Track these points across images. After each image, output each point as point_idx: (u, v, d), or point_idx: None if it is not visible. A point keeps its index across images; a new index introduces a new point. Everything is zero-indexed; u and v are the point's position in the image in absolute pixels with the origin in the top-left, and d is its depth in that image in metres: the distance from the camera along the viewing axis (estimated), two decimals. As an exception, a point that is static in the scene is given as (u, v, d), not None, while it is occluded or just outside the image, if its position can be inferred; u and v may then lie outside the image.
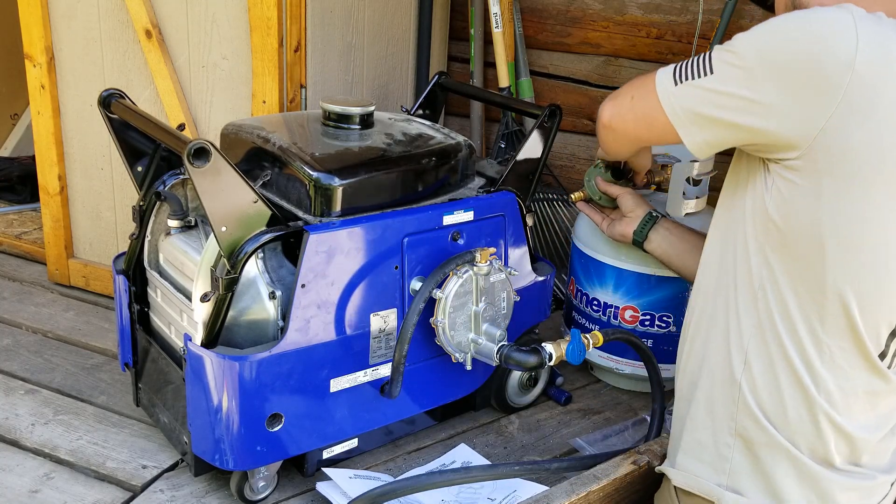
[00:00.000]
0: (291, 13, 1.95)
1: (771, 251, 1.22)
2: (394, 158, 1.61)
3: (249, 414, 1.45)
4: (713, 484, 1.32)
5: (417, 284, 1.59)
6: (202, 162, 1.29)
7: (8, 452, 1.70)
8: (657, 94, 1.27)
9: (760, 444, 1.28)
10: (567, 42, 2.61)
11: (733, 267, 1.29)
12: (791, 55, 1.13)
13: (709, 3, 2.37)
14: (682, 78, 1.24)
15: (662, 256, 1.73)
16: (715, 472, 1.32)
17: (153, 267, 1.69)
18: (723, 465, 1.31)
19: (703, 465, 1.34)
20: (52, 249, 2.41)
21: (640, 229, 1.73)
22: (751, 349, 1.27)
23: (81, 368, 2.01)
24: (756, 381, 1.27)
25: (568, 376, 2.04)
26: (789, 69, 1.13)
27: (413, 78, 2.52)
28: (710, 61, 1.21)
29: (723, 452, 1.31)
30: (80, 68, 2.20)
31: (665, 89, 1.26)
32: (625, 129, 1.39)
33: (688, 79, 1.23)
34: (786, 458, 1.26)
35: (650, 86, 1.28)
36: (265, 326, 1.49)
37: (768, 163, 1.21)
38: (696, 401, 1.35)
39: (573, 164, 2.71)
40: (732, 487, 1.30)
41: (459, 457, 1.72)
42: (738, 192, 1.29)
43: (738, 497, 1.29)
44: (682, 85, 1.24)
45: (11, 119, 3.52)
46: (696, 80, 1.22)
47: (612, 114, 1.39)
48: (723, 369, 1.31)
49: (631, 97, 1.34)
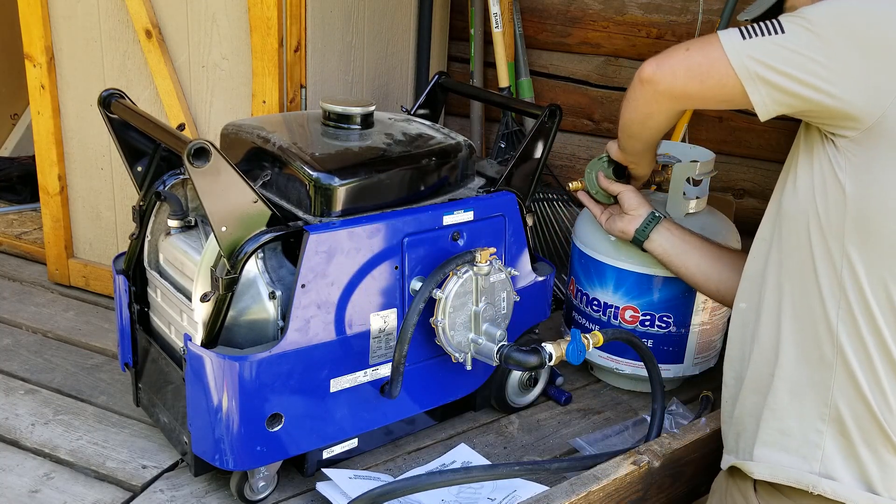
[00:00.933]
0: (291, 13, 1.95)
1: (848, 237, 1.21)
2: (394, 158, 1.61)
3: (249, 414, 1.45)
4: (805, 471, 1.29)
5: (417, 284, 1.59)
6: (202, 162, 1.29)
7: (8, 452, 1.70)
8: (722, 46, 1.22)
9: (856, 429, 1.25)
10: (567, 42, 2.61)
11: (808, 253, 1.27)
12: (867, 28, 1.13)
13: (709, 3, 2.37)
14: (750, 34, 1.20)
15: (662, 256, 1.73)
16: (805, 461, 1.29)
17: (153, 267, 1.69)
18: (814, 453, 1.28)
19: (789, 454, 1.31)
20: (52, 249, 2.41)
21: (643, 229, 1.72)
22: (841, 332, 1.25)
23: (81, 368, 2.01)
24: (850, 363, 1.24)
25: (568, 376, 2.04)
26: (865, 39, 1.13)
27: (413, 78, 2.52)
28: (779, 23, 1.19)
29: (813, 439, 1.29)
30: (80, 68, 2.20)
31: (732, 41, 1.21)
32: (672, 81, 1.33)
33: (757, 35, 1.20)
34: (883, 441, 1.24)
35: (711, 39, 1.23)
36: (265, 326, 1.49)
37: (833, 137, 1.20)
38: (775, 389, 1.32)
39: (573, 164, 2.71)
40: (826, 474, 1.27)
41: (459, 457, 1.72)
42: (802, 173, 1.27)
43: (833, 482, 1.27)
44: (753, 39, 1.20)
45: (11, 119, 3.52)
46: (768, 36, 1.19)
47: (659, 64, 1.32)
48: (809, 355, 1.28)
49: (686, 49, 1.27)
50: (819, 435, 1.29)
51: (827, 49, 1.16)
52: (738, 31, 1.22)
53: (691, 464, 1.62)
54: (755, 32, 1.21)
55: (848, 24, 1.16)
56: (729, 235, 1.89)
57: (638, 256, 1.84)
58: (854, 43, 1.15)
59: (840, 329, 1.25)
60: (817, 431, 1.29)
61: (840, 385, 1.26)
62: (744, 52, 1.21)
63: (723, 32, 1.24)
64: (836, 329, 1.25)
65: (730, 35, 1.23)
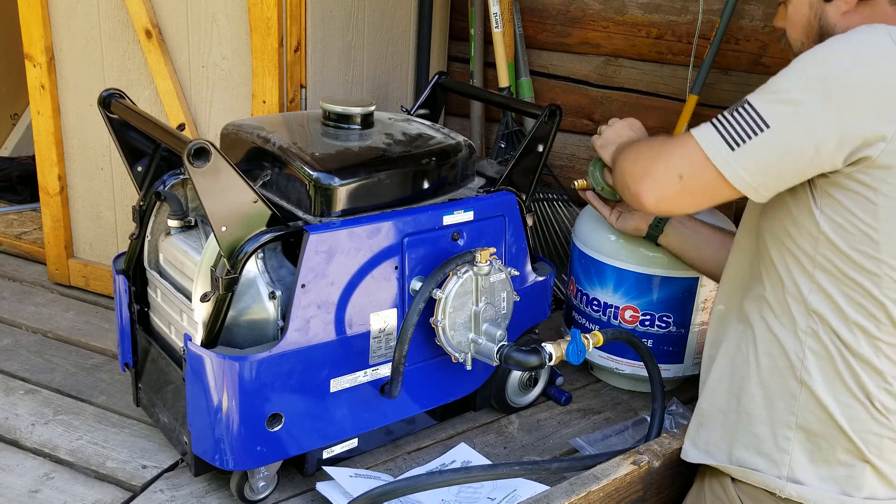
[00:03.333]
0: (291, 13, 1.95)
1: (821, 269, 1.25)
2: (394, 158, 1.61)
3: (249, 414, 1.45)
4: (773, 476, 1.34)
5: (417, 284, 1.59)
6: (202, 162, 1.29)
7: (8, 452, 1.70)
8: (715, 166, 1.21)
9: (820, 435, 1.30)
10: (567, 42, 2.61)
11: (778, 277, 1.32)
12: (847, 81, 1.15)
13: (709, 3, 2.37)
14: (735, 140, 1.20)
15: (677, 250, 1.74)
16: (774, 465, 1.34)
17: (153, 267, 1.69)
18: (782, 458, 1.33)
19: (761, 457, 1.36)
20: (52, 249, 2.41)
21: (657, 223, 1.75)
22: (808, 346, 1.29)
23: (81, 368, 2.01)
24: (814, 376, 1.28)
25: (568, 376, 2.04)
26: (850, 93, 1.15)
27: (413, 78, 2.52)
28: (757, 114, 1.18)
29: (782, 445, 1.33)
30: (80, 68, 2.20)
31: (723, 158, 1.20)
32: (681, 209, 1.36)
33: (744, 141, 1.19)
34: (848, 447, 1.29)
35: (697, 157, 1.22)
36: (265, 326, 1.49)
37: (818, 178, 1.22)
38: (748, 394, 1.37)
39: (573, 164, 2.71)
40: (792, 478, 1.32)
41: (459, 456, 1.72)
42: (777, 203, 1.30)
43: (798, 486, 1.31)
44: (742, 148, 1.19)
45: (11, 119, 3.52)
46: (755, 137, 1.18)
47: (660, 198, 1.30)
48: (779, 365, 1.33)
49: (679, 176, 1.26)
50: (787, 441, 1.33)
51: (814, 122, 1.16)
52: (721, 137, 1.21)
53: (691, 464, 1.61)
54: (740, 135, 1.19)
55: (822, 81, 1.16)
56: (729, 235, 1.89)
57: (638, 256, 1.84)
58: (831, 96, 1.16)
59: (807, 343, 1.29)
60: (785, 438, 1.33)
61: (804, 396, 1.30)
62: (738, 167, 1.21)
63: (704, 141, 1.22)
64: (805, 343, 1.29)
65: (715, 147, 1.21)
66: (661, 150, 1.30)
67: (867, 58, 1.16)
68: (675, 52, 2.46)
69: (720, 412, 1.45)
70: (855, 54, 1.16)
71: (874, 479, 1.30)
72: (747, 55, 2.37)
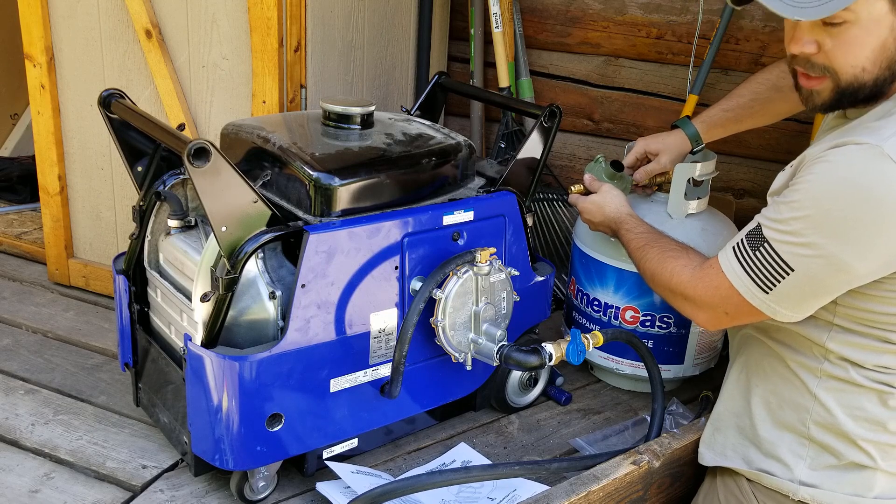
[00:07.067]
0: (291, 13, 1.95)
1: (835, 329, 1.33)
2: (394, 158, 1.61)
3: (249, 414, 1.45)
4: (786, 480, 1.38)
5: (417, 284, 1.59)
6: (202, 162, 1.29)
7: (8, 452, 1.70)
8: (756, 307, 1.31)
9: (832, 444, 1.35)
10: (567, 42, 2.61)
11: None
12: (863, 219, 1.18)
13: (709, 3, 2.37)
14: (766, 284, 1.28)
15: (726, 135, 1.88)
16: (788, 469, 1.39)
17: (153, 267, 1.69)
18: (796, 463, 1.38)
19: (775, 462, 1.41)
20: (52, 249, 2.41)
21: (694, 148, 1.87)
22: (823, 368, 1.36)
23: (81, 368, 2.01)
24: (827, 392, 1.35)
25: (568, 376, 2.04)
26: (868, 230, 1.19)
27: (413, 78, 2.52)
28: (780, 257, 1.25)
29: (795, 450, 1.39)
30: (80, 68, 2.20)
31: (760, 301, 1.30)
32: (717, 325, 1.46)
33: (774, 285, 1.27)
34: (857, 456, 1.34)
35: (735, 299, 1.32)
36: (265, 326, 1.49)
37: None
38: (764, 403, 1.44)
39: (573, 164, 2.71)
40: (805, 482, 1.37)
41: (459, 456, 1.72)
42: None
43: (811, 489, 1.36)
44: (775, 291, 1.28)
45: (11, 119, 3.52)
46: (784, 281, 1.26)
47: (708, 320, 1.44)
48: (791, 380, 1.40)
49: (725, 313, 1.38)
50: (801, 447, 1.38)
51: (835, 260, 1.21)
52: (753, 282, 1.29)
53: (691, 464, 1.62)
54: (769, 279, 1.27)
55: (834, 220, 1.20)
56: (729, 236, 1.89)
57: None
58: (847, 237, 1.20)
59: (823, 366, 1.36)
60: (799, 445, 1.39)
61: (817, 411, 1.36)
62: (776, 306, 1.30)
63: (741, 287, 1.31)
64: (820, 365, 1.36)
65: (753, 293, 1.30)
66: (696, 287, 1.40)
67: (877, 189, 1.16)
68: (675, 52, 2.46)
69: (734, 416, 1.47)
70: (861, 186, 1.17)
71: (884, 480, 1.33)
72: (747, 55, 2.37)
